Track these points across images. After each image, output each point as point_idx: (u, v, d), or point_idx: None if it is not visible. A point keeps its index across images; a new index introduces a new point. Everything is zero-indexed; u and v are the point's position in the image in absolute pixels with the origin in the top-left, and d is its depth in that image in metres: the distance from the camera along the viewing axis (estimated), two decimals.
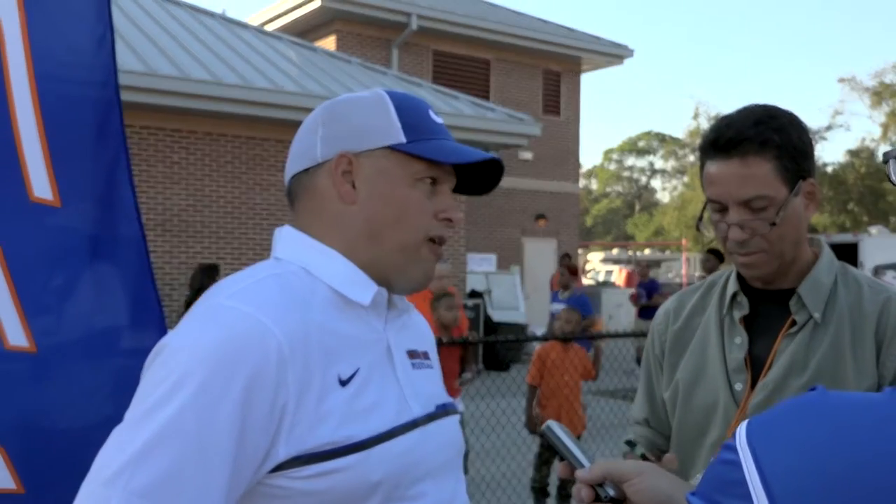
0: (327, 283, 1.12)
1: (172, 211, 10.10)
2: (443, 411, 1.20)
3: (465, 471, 5.69)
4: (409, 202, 1.14)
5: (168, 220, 10.08)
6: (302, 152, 1.19)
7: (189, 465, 0.94)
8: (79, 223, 1.72)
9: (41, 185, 1.68)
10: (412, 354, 1.22)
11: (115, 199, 1.77)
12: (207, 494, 0.95)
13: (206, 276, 7.40)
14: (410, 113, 1.16)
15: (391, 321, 1.18)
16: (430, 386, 1.22)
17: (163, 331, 1.75)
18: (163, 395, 0.96)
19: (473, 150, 1.17)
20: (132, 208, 1.79)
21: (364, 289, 1.13)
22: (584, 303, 8.99)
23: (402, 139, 1.14)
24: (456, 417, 1.24)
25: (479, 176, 1.24)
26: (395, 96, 1.18)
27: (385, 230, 1.14)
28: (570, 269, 10.17)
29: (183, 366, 0.98)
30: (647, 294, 11.07)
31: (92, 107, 1.77)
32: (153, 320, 1.79)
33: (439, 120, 1.20)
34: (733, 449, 0.60)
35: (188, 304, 7.21)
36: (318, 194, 1.17)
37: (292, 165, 1.20)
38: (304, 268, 1.13)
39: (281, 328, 1.02)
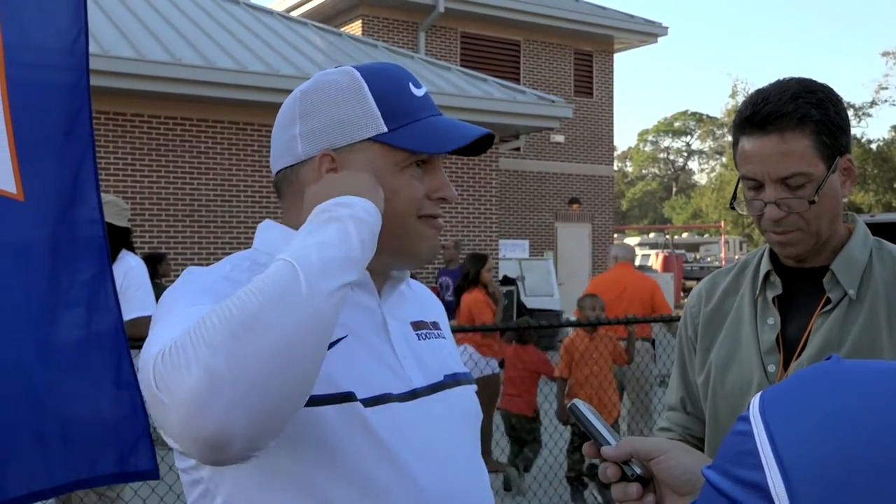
0: None
1: (200, 201, 10.10)
2: (453, 381, 1.18)
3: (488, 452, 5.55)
4: (398, 191, 1.11)
5: (196, 210, 10.07)
6: (283, 149, 1.16)
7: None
8: (39, 220, 1.74)
9: (5, 177, 1.70)
10: (418, 325, 1.20)
11: (79, 200, 1.81)
12: None
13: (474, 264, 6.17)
14: (388, 94, 1.12)
15: (387, 293, 1.17)
16: (438, 356, 1.19)
17: (118, 329, 1.80)
18: (175, 295, 1.00)
19: (461, 127, 1.13)
20: (96, 211, 1.82)
21: None
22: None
23: (383, 128, 1.11)
24: (470, 387, 1.22)
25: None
26: (369, 76, 1.13)
27: None
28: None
29: (182, 282, 1.03)
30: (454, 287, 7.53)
31: (60, 106, 1.79)
32: (109, 320, 1.80)
33: (421, 91, 1.15)
34: (746, 419, 0.59)
35: (458, 290, 6.37)
36: (304, 192, 1.13)
37: (276, 161, 1.17)
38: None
39: None
